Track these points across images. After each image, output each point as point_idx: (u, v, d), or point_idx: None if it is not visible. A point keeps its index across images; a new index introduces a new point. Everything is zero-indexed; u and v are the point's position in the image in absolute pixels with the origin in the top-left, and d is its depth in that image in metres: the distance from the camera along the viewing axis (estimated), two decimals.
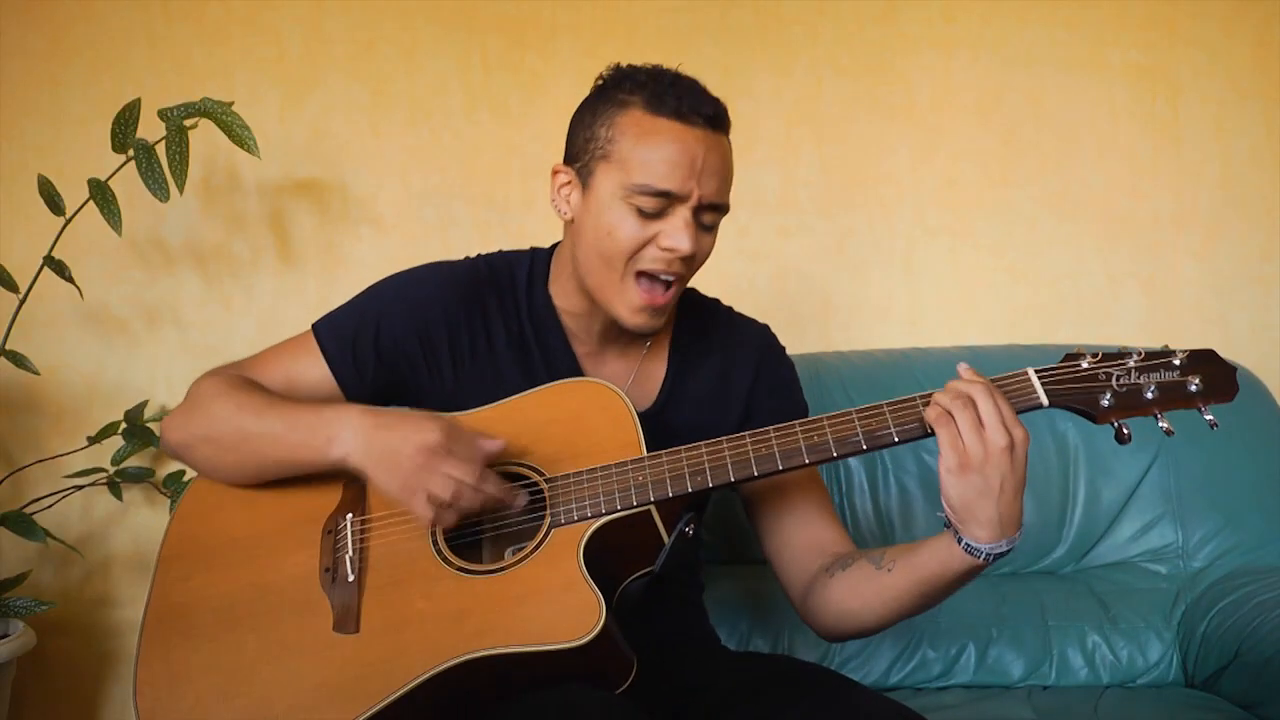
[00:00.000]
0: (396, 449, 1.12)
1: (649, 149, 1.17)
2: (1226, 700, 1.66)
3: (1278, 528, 1.83)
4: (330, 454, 1.16)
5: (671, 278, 1.22)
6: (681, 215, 1.19)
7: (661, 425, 1.26)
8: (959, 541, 1.08)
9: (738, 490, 1.32)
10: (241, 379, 1.26)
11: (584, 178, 1.22)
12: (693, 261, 1.23)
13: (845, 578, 1.22)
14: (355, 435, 1.15)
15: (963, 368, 1.11)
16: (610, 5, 2.11)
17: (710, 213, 1.21)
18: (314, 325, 1.30)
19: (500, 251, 1.37)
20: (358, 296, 1.32)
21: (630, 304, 1.22)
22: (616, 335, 1.31)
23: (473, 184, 2.12)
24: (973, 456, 1.04)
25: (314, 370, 1.27)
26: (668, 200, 1.18)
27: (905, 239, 2.17)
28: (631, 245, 1.19)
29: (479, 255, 1.36)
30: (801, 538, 1.29)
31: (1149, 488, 1.87)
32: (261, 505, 1.23)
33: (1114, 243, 2.18)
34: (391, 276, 1.32)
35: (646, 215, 1.18)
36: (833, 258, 2.17)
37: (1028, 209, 2.17)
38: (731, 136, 1.25)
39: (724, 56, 2.12)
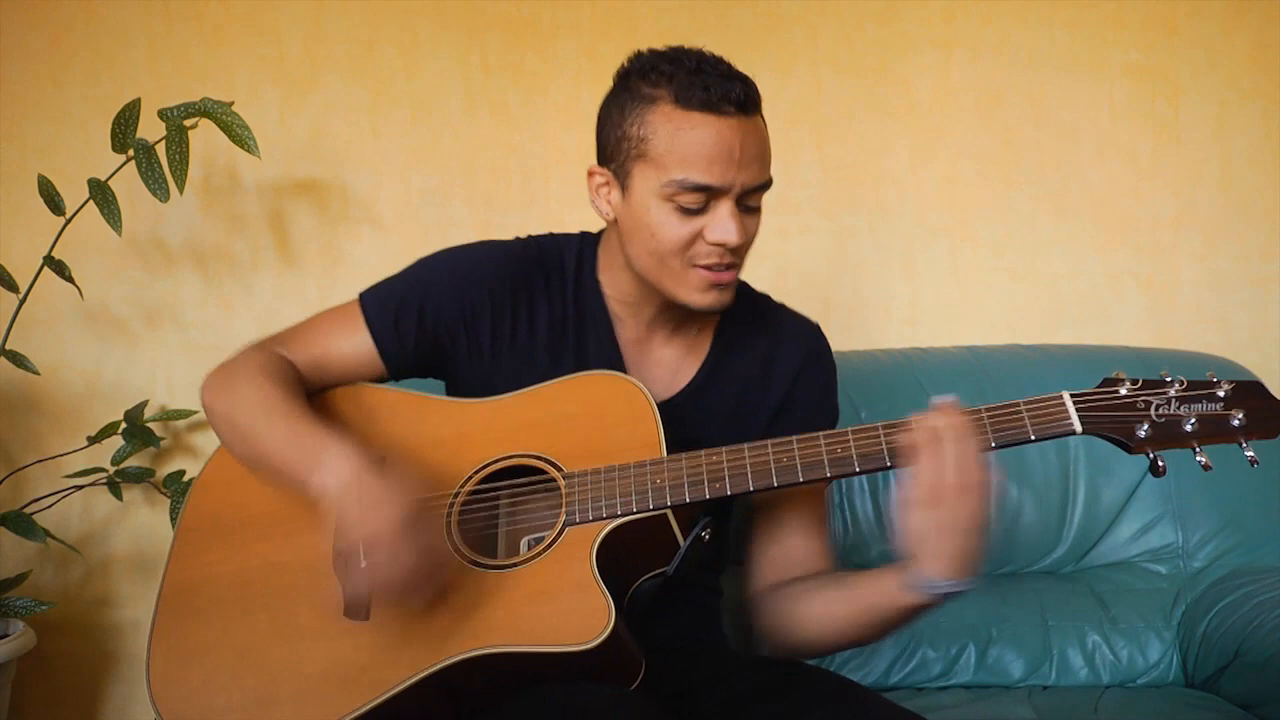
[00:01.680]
0: (364, 510, 1.07)
1: (684, 145, 1.14)
2: (1226, 700, 1.66)
3: (1278, 528, 1.83)
4: (310, 483, 1.12)
5: (727, 265, 1.20)
6: (725, 207, 1.16)
7: (696, 405, 1.25)
8: (911, 574, 1.07)
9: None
10: (279, 366, 1.25)
11: (621, 178, 1.20)
12: (743, 246, 1.20)
13: (804, 587, 1.22)
14: (338, 477, 1.10)
15: (938, 400, 1.09)
16: (610, 5, 2.11)
17: (754, 194, 1.19)
18: (361, 294, 1.30)
19: (550, 234, 1.35)
20: (407, 268, 1.31)
21: (695, 287, 1.20)
22: (665, 321, 1.29)
23: (473, 184, 2.12)
24: (936, 492, 1.03)
25: (356, 339, 1.27)
26: (709, 194, 1.15)
27: (905, 239, 2.17)
28: (679, 243, 1.17)
29: (530, 236, 1.34)
30: (785, 548, 1.28)
31: (1149, 488, 1.86)
32: None
33: (1114, 243, 2.17)
34: (441, 251, 1.32)
35: (690, 211, 1.16)
36: (833, 258, 2.17)
37: (1028, 209, 2.17)
38: None
39: (724, 56, 2.11)
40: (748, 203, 1.19)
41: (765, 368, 1.31)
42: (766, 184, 1.20)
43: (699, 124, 1.14)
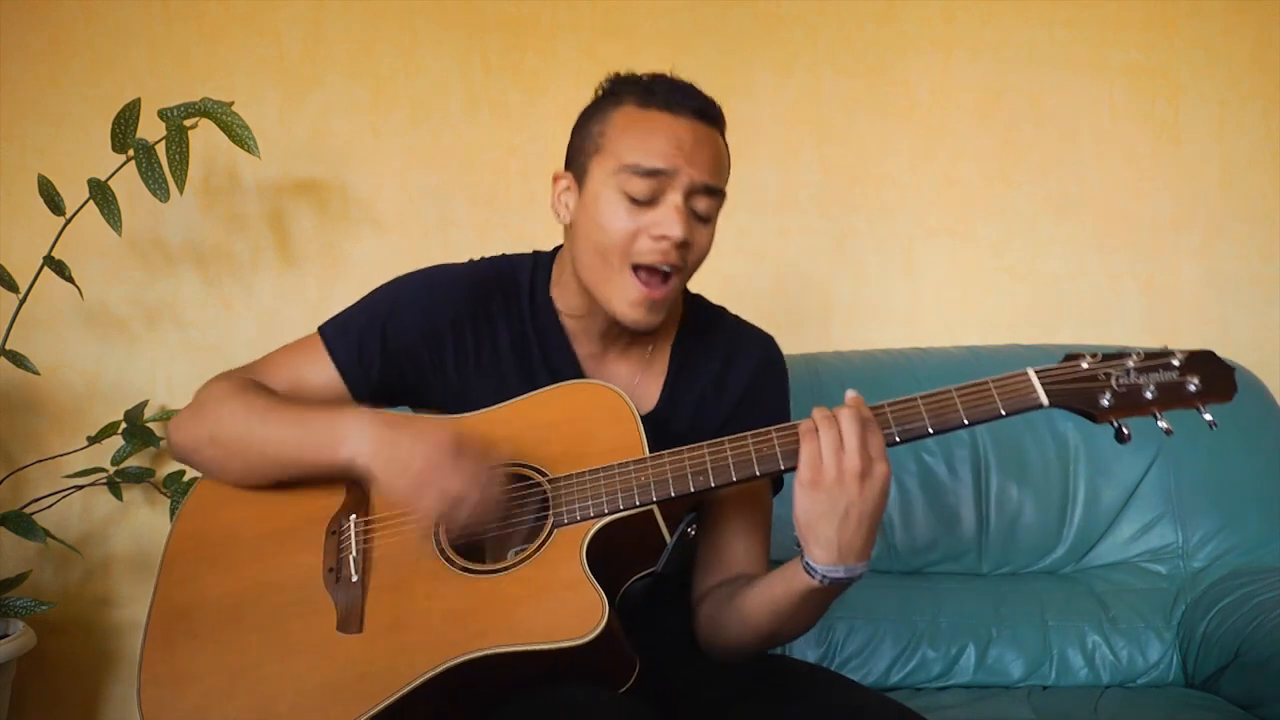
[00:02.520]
0: (408, 452, 1.12)
1: (638, 135, 1.18)
2: (1226, 700, 1.66)
3: (1278, 528, 1.84)
4: (339, 454, 1.16)
5: (669, 269, 1.20)
6: (672, 201, 1.18)
7: (662, 427, 1.25)
8: (802, 558, 1.09)
9: None
10: (249, 382, 1.26)
11: (580, 178, 1.23)
12: (689, 252, 1.21)
13: (732, 586, 1.23)
14: (364, 438, 1.15)
15: (850, 394, 1.11)
16: (610, 5, 2.11)
17: (704, 198, 1.20)
18: (320, 327, 1.30)
19: (504, 255, 1.36)
20: (364, 298, 1.31)
21: (627, 298, 1.20)
22: (617, 337, 1.30)
23: (473, 184, 2.12)
24: (825, 475, 1.05)
25: (321, 371, 1.27)
26: (657, 182, 1.17)
27: (905, 239, 2.17)
28: (624, 236, 1.18)
29: (482, 258, 1.36)
30: (726, 552, 1.28)
31: (1149, 488, 1.87)
32: (265, 506, 1.23)
33: (1114, 243, 2.18)
34: (397, 279, 1.32)
35: (638, 203, 1.18)
36: (833, 258, 2.17)
37: (1028, 209, 2.17)
38: (731, 137, 1.25)
39: (724, 56, 2.12)
40: (697, 207, 1.20)
41: (719, 383, 1.32)
42: (717, 191, 1.21)
43: (655, 118, 1.19)
